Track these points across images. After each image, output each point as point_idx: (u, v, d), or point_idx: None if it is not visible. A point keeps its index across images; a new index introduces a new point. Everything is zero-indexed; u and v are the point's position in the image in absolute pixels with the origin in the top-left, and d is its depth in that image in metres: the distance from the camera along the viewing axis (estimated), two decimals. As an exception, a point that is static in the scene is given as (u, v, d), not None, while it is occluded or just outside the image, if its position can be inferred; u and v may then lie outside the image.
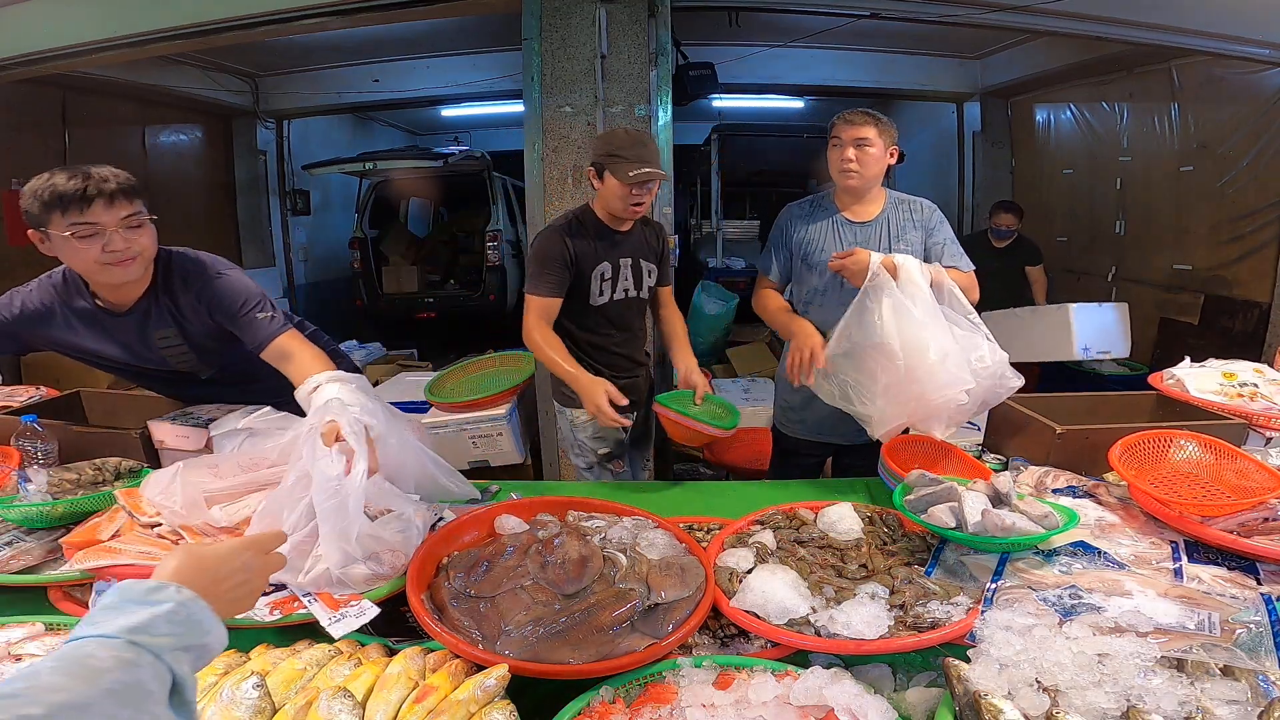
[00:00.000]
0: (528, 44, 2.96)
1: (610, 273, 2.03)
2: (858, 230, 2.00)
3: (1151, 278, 4.85)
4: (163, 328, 1.57)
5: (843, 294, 1.90)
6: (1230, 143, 4.16)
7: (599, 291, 2.02)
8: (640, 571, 1.13)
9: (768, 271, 2.09)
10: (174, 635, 0.59)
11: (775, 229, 2.09)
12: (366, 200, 6.98)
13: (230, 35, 3.49)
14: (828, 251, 1.96)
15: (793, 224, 2.04)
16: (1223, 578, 1.06)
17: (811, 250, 2.00)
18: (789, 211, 2.08)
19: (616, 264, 2.03)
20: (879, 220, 2.01)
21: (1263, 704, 0.79)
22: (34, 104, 4.73)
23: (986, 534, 1.13)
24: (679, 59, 4.15)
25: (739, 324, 5.74)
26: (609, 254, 2.01)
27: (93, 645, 0.55)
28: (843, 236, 2.00)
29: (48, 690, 0.50)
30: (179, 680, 0.58)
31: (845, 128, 1.90)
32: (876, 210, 2.02)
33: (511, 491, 1.65)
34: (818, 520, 1.32)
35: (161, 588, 0.63)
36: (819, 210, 2.03)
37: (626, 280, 2.05)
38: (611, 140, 1.91)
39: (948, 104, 6.50)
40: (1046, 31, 3.86)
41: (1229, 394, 1.81)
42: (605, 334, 2.10)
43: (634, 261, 2.06)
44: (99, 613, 0.59)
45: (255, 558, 0.76)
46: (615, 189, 1.88)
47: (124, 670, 0.54)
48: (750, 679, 0.93)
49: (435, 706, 0.86)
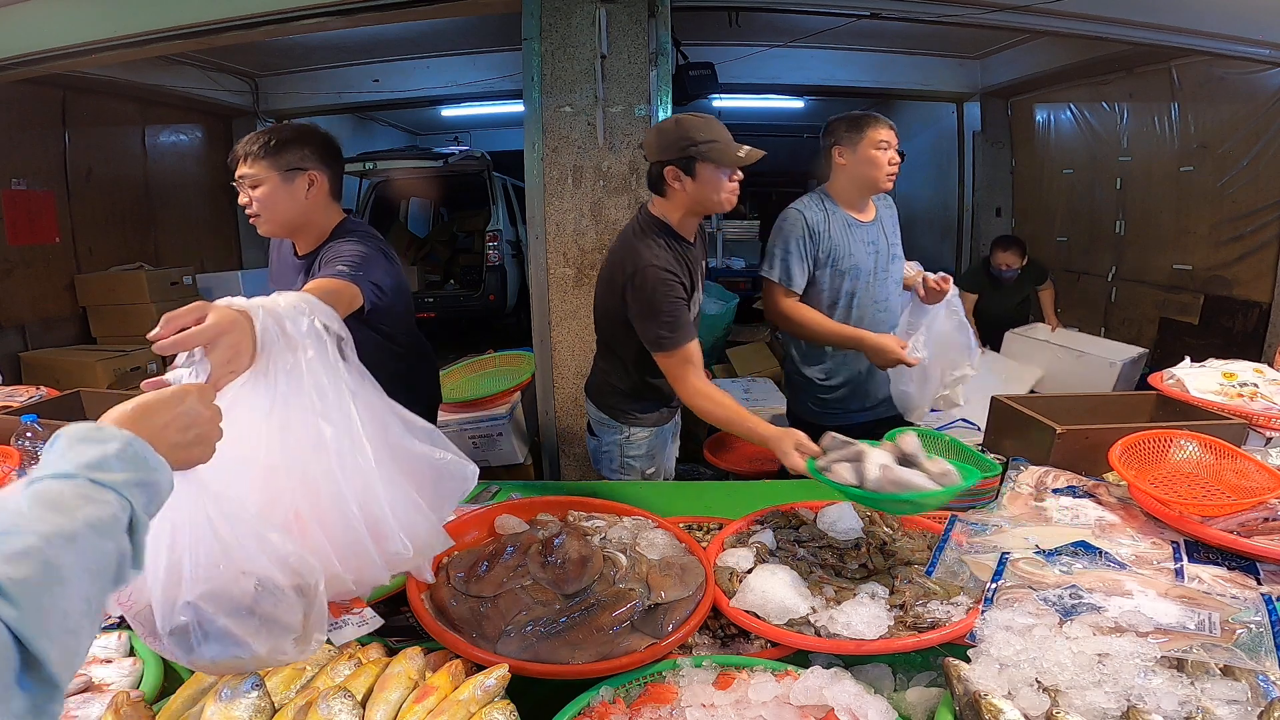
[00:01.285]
0: (528, 44, 2.96)
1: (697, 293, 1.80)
2: (867, 230, 2.04)
3: (1151, 278, 4.85)
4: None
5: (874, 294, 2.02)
6: (1230, 143, 4.16)
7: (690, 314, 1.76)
8: (640, 571, 1.13)
9: (789, 282, 2.00)
10: (126, 472, 0.61)
11: (788, 235, 2.00)
12: (366, 200, 6.97)
13: (230, 35, 3.48)
14: (856, 256, 2.00)
15: (816, 228, 2.00)
16: (1223, 578, 1.06)
17: (841, 255, 2.00)
18: (801, 216, 2.00)
19: (693, 278, 1.77)
20: (878, 219, 2.07)
21: (1263, 704, 0.79)
22: (34, 104, 4.72)
23: (882, 490, 1.16)
24: (679, 59, 4.15)
25: (739, 324, 5.74)
26: (697, 274, 1.79)
27: (57, 485, 0.57)
28: (860, 239, 2.02)
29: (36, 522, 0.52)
30: (135, 515, 0.60)
31: (889, 133, 1.94)
32: (873, 210, 2.08)
33: (511, 491, 1.65)
34: (818, 520, 1.32)
35: (103, 428, 0.64)
36: (827, 212, 2.03)
37: (699, 291, 1.84)
38: (684, 130, 1.63)
39: (948, 104, 6.49)
40: (1046, 31, 3.86)
41: (1229, 394, 1.81)
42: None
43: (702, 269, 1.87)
44: (52, 458, 0.60)
45: (198, 404, 0.74)
46: (713, 180, 1.64)
47: (94, 505, 0.57)
48: (750, 679, 0.93)
49: (435, 706, 0.86)
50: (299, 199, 1.55)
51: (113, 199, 5.37)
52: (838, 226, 2.02)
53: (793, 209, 2.06)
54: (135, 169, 5.68)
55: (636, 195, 3.00)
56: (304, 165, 1.55)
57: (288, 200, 1.55)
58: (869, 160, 1.96)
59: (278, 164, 1.53)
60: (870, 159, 1.96)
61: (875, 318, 2.07)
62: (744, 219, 6.95)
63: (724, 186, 1.66)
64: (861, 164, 1.98)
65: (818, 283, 2.04)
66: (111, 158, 5.39)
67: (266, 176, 1.52)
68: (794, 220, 2.02)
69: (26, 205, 4.74)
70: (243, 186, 1.53)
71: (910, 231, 5.21)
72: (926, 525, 1.33)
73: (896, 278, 2.13)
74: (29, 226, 4.76)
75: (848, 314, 2.04)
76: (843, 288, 2.03)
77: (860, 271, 2.03)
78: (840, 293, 2.04)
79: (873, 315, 2.07)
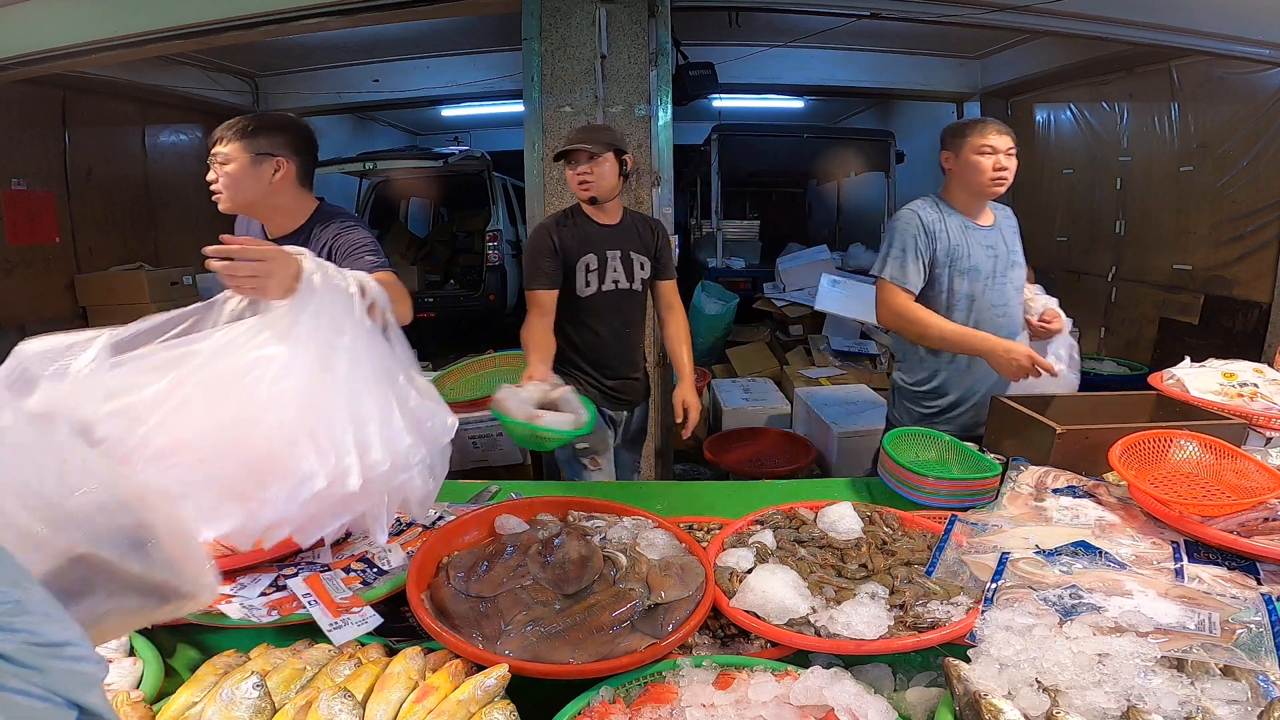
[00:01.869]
0: (528, 44, 2.96)
1: (596, 264, 2.05)
2: (986, 235, 2.02)
3: (1151, 278, 4.86)
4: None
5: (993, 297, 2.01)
6: (1230, 143, 4.16)
7: (585, 283, 2.05)
8: (640, 571, 1.13)
9: (904, 280, 1.97)
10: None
11: (902, 233, 1.99)
12: (366, 200, 6.97)
13: (230, 35, 3.49)
14: (975, 257, 1.99)
15: (933, 228, 1.98)
16: (1223, 578, 1.06)
17: (959, 256, 1.98)
18: (916, 215, 1.99)
19: (603, 255, 2.06)
20: (996, 225, 2.06)
21: (1263, 704, 0.79)
22: (34, 104, 4.73)
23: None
24: (679, 59, 4.15)
25: (739, 324, 5.74)
26: (595, 246, 2.05)
27: None
28: (980, 242, 2.00)
29: None
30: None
31: (997, 138, 1.92)
32: (991, 215, 2.07)
33: (511, 491, 1.65)
34: (818, 520, 1.32)
35: None
36: (942, 213, 2.01)
37: (616, 272, 2.07)
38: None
39: (948, 104, 6.49)
40: (1046, 31, 3.86)
41: (1229, 394, 1.81)
42: (595, 328, 2.12)
43: (623, 253, 2.08)
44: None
45: None
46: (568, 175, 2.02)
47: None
48: (750, 679, 0.93)
49: (435, 706, 0.86)
50: (264, 182, 1.67)
51: (113, 199, 5.37)
52: (955, 227, 1.99)
53: (906, 209, 2.04)
54: (135, 169, 5.68)
55: (636, 195, 3.01)
56: (275, 151, 1.66)
57: (253, 182, 1.66)
58: (972, 165, 1.94)
59: (250, 147, 1.64)
60: (973, 164, 1.94)
61: (994, 322, 2.02)
62: (744, 219, 6.95)
63: (571, 178, 2.01)
64: (966, 169, 1.96)
65: (936, 283, 2.01)
66: (111, 158, 5.40)
67: (237, 157, 1.64)
68: (908, 219, 2.00)
69: (26, 205, 4.74)
70: (214, 163, 1.65)
71: (910, 231, 5.23)
72: (926, 525, 1.33)
73: (1017, 284, 2.08)
74: (29, 226, 4.76)
75: (966, 317, 2.00)
76: (962, 289, 1.99)
77: (979, 273, 1.99)
78: (959, 294, 2.00)
79: (991, 320, 2.02)
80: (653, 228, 2.18)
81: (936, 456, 1.71)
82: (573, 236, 2.04)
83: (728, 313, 5.40)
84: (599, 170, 1.98)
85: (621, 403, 2.23)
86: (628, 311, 2.16)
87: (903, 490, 1.56)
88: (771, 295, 5.72)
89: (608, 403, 2.20)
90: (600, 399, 2.16)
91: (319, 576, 1.14)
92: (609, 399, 2.20)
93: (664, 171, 3.01)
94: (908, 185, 6.18)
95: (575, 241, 2.04)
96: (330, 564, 1.19)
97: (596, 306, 2.09)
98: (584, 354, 2.15)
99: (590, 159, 1.97)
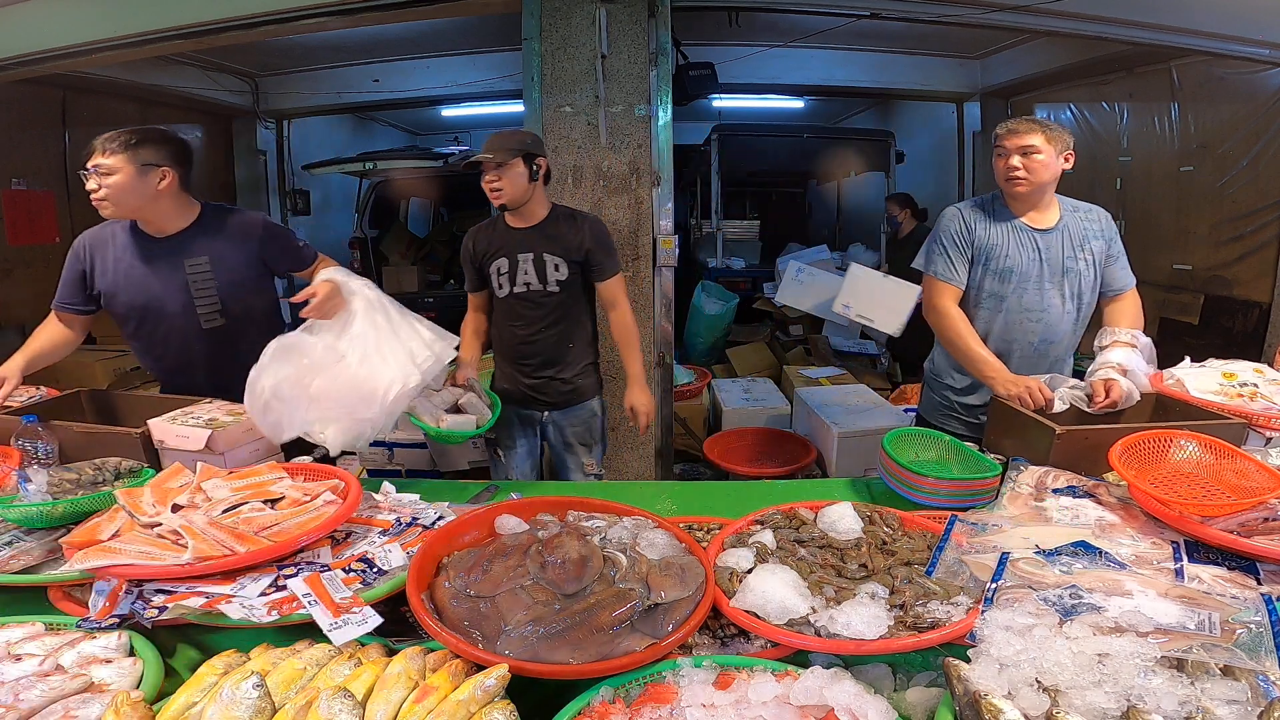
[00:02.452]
0: (528, 44, 2.96)
1: (507, 267, 2.15)
2: (1039, 237, 1.97)
3: (1151, 278, 4.84)
4: (196, 257, 1.89)
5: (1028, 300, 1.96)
6: (1230, 143, 4.16)
7: (498, 285, 2.18)
8: (640, 571, 1.13)
9: (949, 277, 1.99)
10: None
11: (948, 231, 2.01)
12: (366, 200, 6.96)
13: (230, 35, 3.49)
14: (1013, 258, 1.96)
15: (974, 226, 1.98)
16: (1223, 578, 1.06)
17: (995, 255, 1.97)
18: (963, 213, 2.01)
19: (514, 258, 2.14)
20: (1060, 228, 1.99)
21: (1263, 704, 0.79)
22: (34, 104, 4.73)
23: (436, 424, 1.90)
24: (679, 59, 4.15)
25: (739, 324, 5.74)
26: (507, 249, 2.15)
27: None
28: (1027, 244, 1.97)
29: None
30: None
31: (1009, 137, 1.91)
32: (1055, 218, 2.00)
33: (511, 491, 1.65)
34: (818, 520, 1.32)
35: None
36: (994, 213, 2.00)
37: (527, 274, 2.14)
38: None
39: (948, 104, 6.49)
40: (1046, 31, 3.86)
41: (1229, 394, 1.81)
42: (511, 328, 2.21)
43: (536, 256, 2.13)
44: None
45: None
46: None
47: None
48: (750, 679, 0.93)
49: (435, 706, 0.86)
50: (150, 191, 1.80)
51: (113, 199, 5.37)
52: (1003, 228, 1.97)
53: (951, 206, 2.06)
54: (135, 169, 5.67)
55: (636, 195, 3.01)
56: (159, 162, 1.80)
57: (139, 191, 1.79)
58: (995, 166, 1.95)
59: (135, 158, 1.76)
60: (994, 165, 1.95)
61: (1024, 326, 1.99)
62: (744, 219, 6.94)
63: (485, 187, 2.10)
64: (994, 169, 1.97)
65: (970, 280, 2.02)
66: (111, 158, 5.39)
67: (122, 168, 1.76)
68: (950, 215, 2.03)
69: (26, 205, 4.74)
70: (93, 174, 1.76)
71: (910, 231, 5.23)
72: (926, 525, 1.33)
73: (1072, 291, 2.00)
74: (29, 226, 4.76)
75: (993, 317, 2.00)
76: (991, 289, 1.99)
77: (1014, 274, 1.96)
78: (985, 293, 2.00)
79: (1021, 324, 1.99)
80: (583, 228, 2.17)
81: (936, 456, 1.72)
82: (488, 241, 2.18)
83: (728, 313, 5.40)
84: (506, 178, 2.04)
85: (539, 402, 2.26)
86: (545, 312, 2.18)
87: (903, 490, 1.57)
88: (771, 295, 5.73)
89: (525, 402, 2.27)
90: (518, 397, 2.26)
91: (319, 576, 1.14)
92: (526, 398, 2.26)
93: (664, 171, 3.01)
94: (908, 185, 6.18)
95: (489, 246, 2.17)
96: (330, 564, 1.19)
97: (510, 307, 2.19)
98: (504, 352, 2.28)
99: (497, 167, 2.03)
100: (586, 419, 2.31)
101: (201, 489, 1.34)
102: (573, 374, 2.25)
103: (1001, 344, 2.01)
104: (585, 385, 2.29)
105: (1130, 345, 1.86)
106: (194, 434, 1.59)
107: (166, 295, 1.88)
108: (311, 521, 1.24)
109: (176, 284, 1.88)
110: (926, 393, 2.29)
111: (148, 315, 1.91)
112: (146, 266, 1.88)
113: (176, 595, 1.08)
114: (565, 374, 2.24)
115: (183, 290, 1.88)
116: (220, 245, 1.91)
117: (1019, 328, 2.00)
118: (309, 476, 1.46)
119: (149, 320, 1.92)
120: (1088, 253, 1.99)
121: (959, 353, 1.98)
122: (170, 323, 1.90)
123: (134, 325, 1.94)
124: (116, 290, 1.91)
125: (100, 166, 1.75)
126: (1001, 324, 2.01)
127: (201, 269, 1.89)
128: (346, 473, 1.43)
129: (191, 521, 1.21)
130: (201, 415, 1.68)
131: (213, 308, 1.91)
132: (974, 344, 1.94)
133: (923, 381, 2.32)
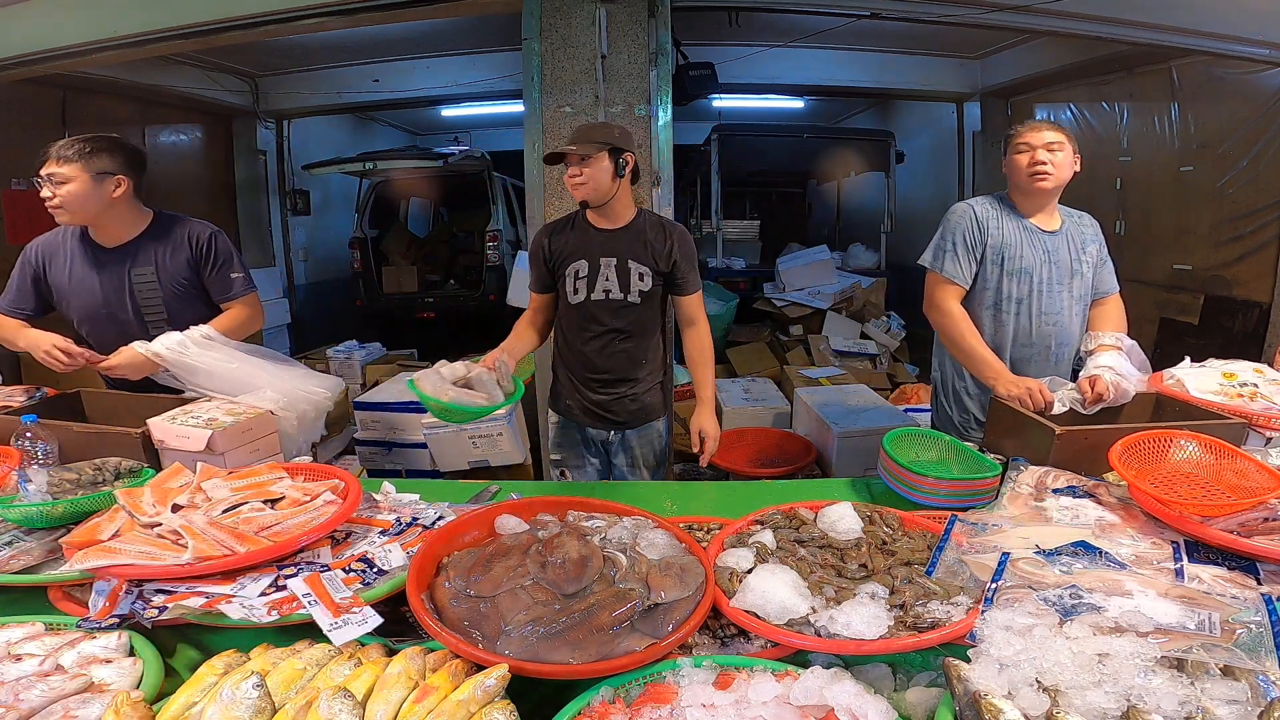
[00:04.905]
0: (528, 44, 2.96)
1: (586, 270, 1.98)
2: (1047, 239, 1.97)
3: (1151, 278, 4.85)
4: (142, 267, 1.94)
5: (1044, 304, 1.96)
6: (1230, 143, 4.16)
7: (573, 289, 1.99)
8: (640, 571, 1.13)
9: (953, 274, 1.97)
10: None
11: (953, 226, 1.99)
12: (366, 200, 6.97)
13: (230, 35, 3.49)
14: (1027, 259, 1.95)
15: (986, 224, 1.96)
16: (1223, 578, 1.06)
17: (1010, 255, 1.95)
18: (970, 209, 1.99)
19: (596, 262, 1.97)
20: (1063, 231, 2.00)
21: (1263, 704, 0.79)
22: (34, 104, 4.72)
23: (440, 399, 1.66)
24: (679, 59, 4.15)
25: (739, 324, 5.74)
26: (588, 252, 1.98)
27: None
28: (1037, 245, 1.96)
29: None
30: None
31: (1032, 133, 1.91)
32: (1059, 221, 2.01)
33: (511, 491, 1.65)
34: (818, 520, 1.32)
35: None
36: (999, 211, 1.99)
37: (608, 281, 1.97)
38: None
39: (948, 104, 6.50)
40: (1046, 31, 3.86)
41: (1229, 394, 1.81)
42: (583, 337, 2.03)
43: (620, 262, 1.97)
44: None
45: None
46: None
47: None
48: (750, 679, 0.93)
49: (435, 706, 0.86)
50: (105, 198, 1.85)
51: (113, 199, 5.37)
52: (1010, 226, 1.96)
53: (961, 203, 2.03)
54: (135, 169, 5.68)
55: (636, 195, 3.00)
56: (114, 170, 1.84)
57: (95, 198, 1.83)
58: (1013, 164, 1.94)
59: (90, 166, 1.80)
60: (1013, 162, 1.94)
61: (1042, 330, 1.99)
62: (744, 219, 6.95)
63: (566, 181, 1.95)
64: (1010, 168, 1.96)
65: (982, 280, 1.98)
66: (111, 157, 5.39)
67: (78, 176, 1.80)
68: (961, 212, 2.00)
69: (26, 205, 4.73)
70: (48, 182, 1.80)
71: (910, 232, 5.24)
72: (926, 525, 1.33)
73: (1079, 295, 2.01)
74: (29, 226, 4.74)
75: (1015, 321, 1.98)
76: (1010, 291, 1.96)
77: (1030, 277, 1.95)
78: (1005, 296, 1.97)
79: (1040, 328, 1.99)
80: (671, 236, 2.01)
81: (936, 456, 1.71)
82: (566, 241, 2.00)
83: (728, 313, 5.41)
84: (589, 172, 1.88)
85: (606, 421, 2.10)
86: (623, 324, 2.01)
87: (903, 490, 1.57)
88: (771, 295, 5.73)
89: (590, 419, 2.11)
90: (583, 414, 2.10)
91: (319, 576, 1.14)
92: (591, 414, 2.09)
93: (664, 171, 3.01)
94: (907, 185, 6.19)
95: (568, 247, 2.00)
96: (330, 564, 1.19)
97: (586, 315, 2.01)
98: (569, 363, 2.09)
99: (581, 160, 1.88)
100: (653, 440, 2.16)
101: (201, 489, 1.34)
102: (643, 390, 2.09)
103: (1023, 349, 2.00)
104: (654, 404, 2.13)
105: (1116, 348, 1.87)
106: (194, 434, 1.59)
107: (115, 303, 1.95)
108: (311, 521, 1.25)
109: (124, 292, 1.94)
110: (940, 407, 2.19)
111: (97, 321, 1.97)
112: (97, 274, 1.95)
113: (176, 595, 1.08)
114: (634, 392, 2.08)
115: (130, 298, 1.94)
116: (166, 255, 1.96)
117: (1039, 332, 1.99)
118: (309, 476, 1.46)
119: (99, 326, 1.97)
120: (1088, 255, 2.01)
121: (961, 352, 1.97)
122: (120, 329, 1.94)
123: (85, 329, 2.00)
124: (68, 296, 1.96)
125: (55, 175, 1.79)
126: (1023, 329, 1.99)
127: (146, 279, 1.95)
128: (347, 473, 1.43)
129: (191, 521, 1.21)
130: (202, 415, 1.67)
131: (159, 316, 1.96)
132: (977, 344, 1.93)
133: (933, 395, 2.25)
